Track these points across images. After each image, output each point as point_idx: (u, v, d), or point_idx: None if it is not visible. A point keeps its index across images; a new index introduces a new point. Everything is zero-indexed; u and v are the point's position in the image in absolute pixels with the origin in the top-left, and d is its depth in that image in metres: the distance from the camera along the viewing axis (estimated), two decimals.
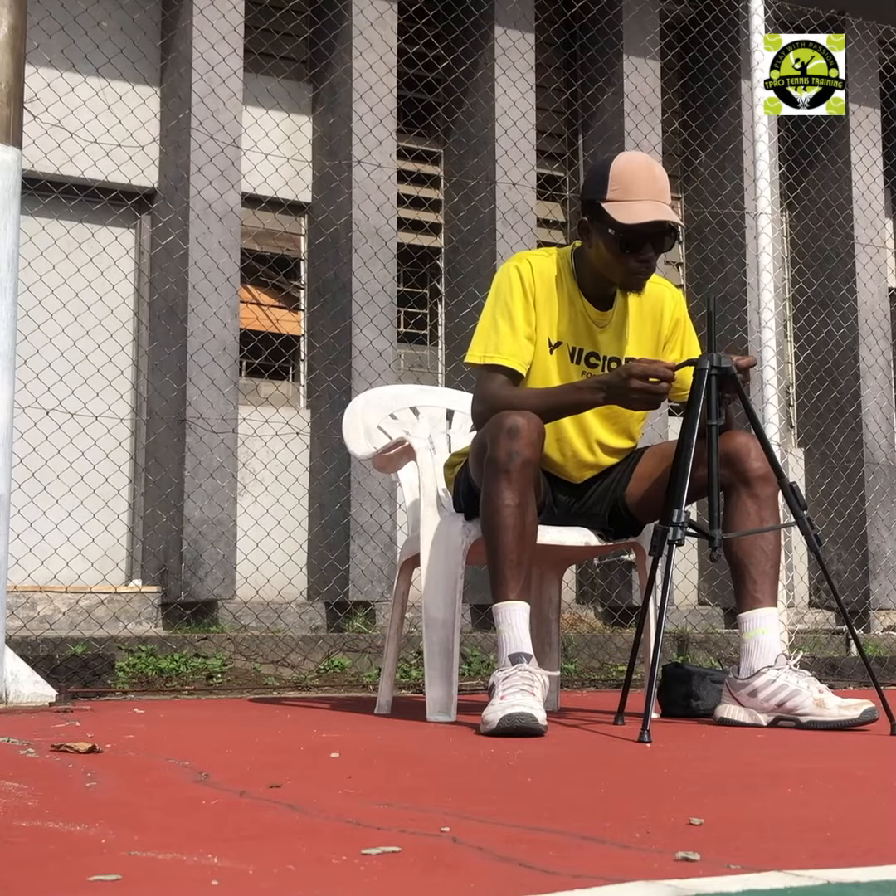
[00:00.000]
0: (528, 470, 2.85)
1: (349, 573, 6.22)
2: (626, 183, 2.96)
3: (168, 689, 4.53)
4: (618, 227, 2.95)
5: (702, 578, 7.40)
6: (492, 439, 2.87)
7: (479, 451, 2.96)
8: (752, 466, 3.00)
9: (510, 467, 2.83)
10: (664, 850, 1.32)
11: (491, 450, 2.86)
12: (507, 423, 2.84)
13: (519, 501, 2.84)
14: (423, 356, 7.28)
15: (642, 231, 2.96)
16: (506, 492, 2.84)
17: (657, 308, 3.22)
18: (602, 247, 3.02)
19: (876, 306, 7.84)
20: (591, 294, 3.13)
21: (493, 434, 2.87)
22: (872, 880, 1.18)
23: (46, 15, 6.00)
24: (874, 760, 2.40)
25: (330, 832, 1.44)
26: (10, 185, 3.41)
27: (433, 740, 2.70)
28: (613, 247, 2.99)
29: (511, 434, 2.83)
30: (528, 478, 2.86)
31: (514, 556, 2.84)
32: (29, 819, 1.50)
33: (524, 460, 2.83)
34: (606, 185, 2.98)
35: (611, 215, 2.96)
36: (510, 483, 2.83)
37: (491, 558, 2.88)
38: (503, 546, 2.85)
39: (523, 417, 2.85)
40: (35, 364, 5.71)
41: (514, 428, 2.83)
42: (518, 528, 2.84)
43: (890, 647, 6.77)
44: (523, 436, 2.83)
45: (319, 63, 6.94)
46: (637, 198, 2.95)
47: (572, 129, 7.68)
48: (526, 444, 2.83)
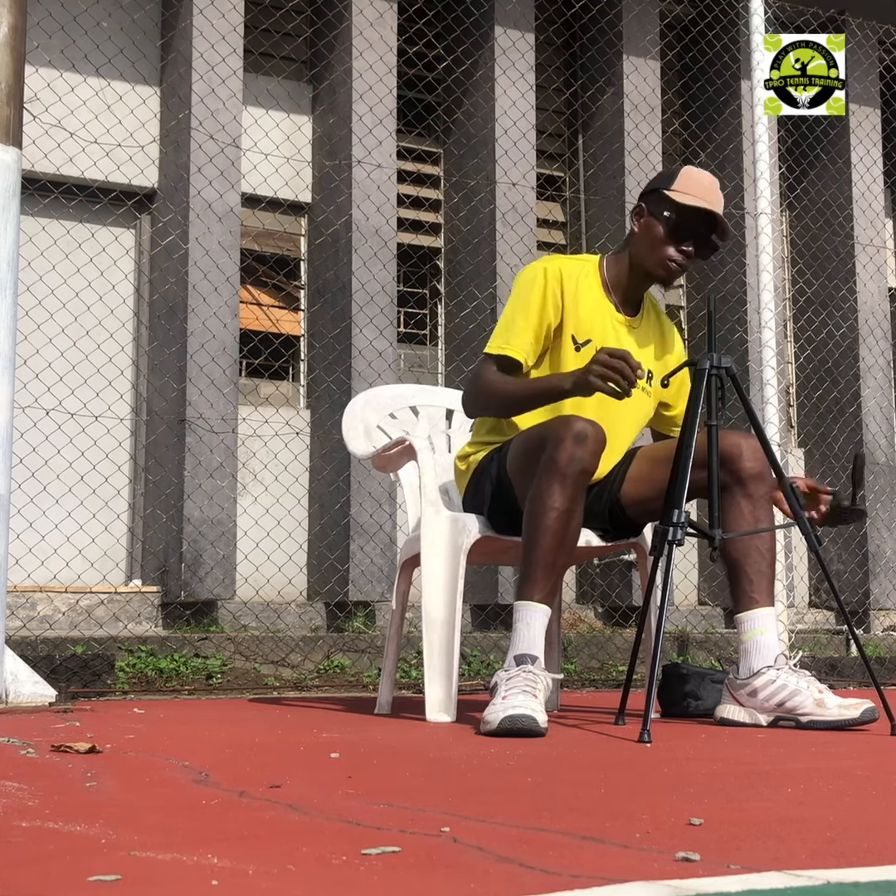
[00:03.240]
0: (584, 478, 2.84)
1: (349, 573, 6.22)
2: (692, 182, 3.14)
3: (168, 689, 4.53)
4: (674, 208, 3.10)
5: (702, 578, 7.40)
6: (555, 439, 2.84)
7: (532, 447, 2.94)
8: (745, 466, 3.00)
9: (568, 471, 2.81)
10: (664, 850, 1.32)
11: (552, 450, 2.84)
12: (576, 427, 2.83)
13: (568, 507, 2.83)
14: (422, 356, 7.28)
15: (693, 221, 3.10)
16: (557, 494, 2.82)
17: (670, 337, 3.35)
18: (650, 228, 3.14)
19: (876, 306, 7.84)
20: (619, 298, 3.22)
21: (557, 434, 2.85)
22: (872, 880, 1.18)
23: (46, 15, 6.00)
24: (874, 760, 2.40)
25: (330, 832, 1.44)
26: (10, 185, 3.41)
27: (433, 740, 2.70)
28: (662, 229, 3.11)
29: (578, 439, 2.82)
30: (581, 486, 2.85)
31: (550, 560, 2.83)
32: (29, 819, 1.50)
33: (584, 468, 2.83)
34: (674, 179, 3.15)
35: (671, 198, 3.11)
36: (564, 487, 2.82)
37: (526, 556, 2.86)
38: (542, 547, 2.83)
39: (592, 426, 2.85)
40: (35, 364, 5.71)
41: (582, 434, 2.82)
42: (561, 532, 2.83)
43: (890, 647, 6.77)
44: (589, 444, 2.83)
45: (319, 63, 6.94)
46: (698, 195, 3.11)
47: (572, 129, 7.68)
48: (590, 452, 2.83)
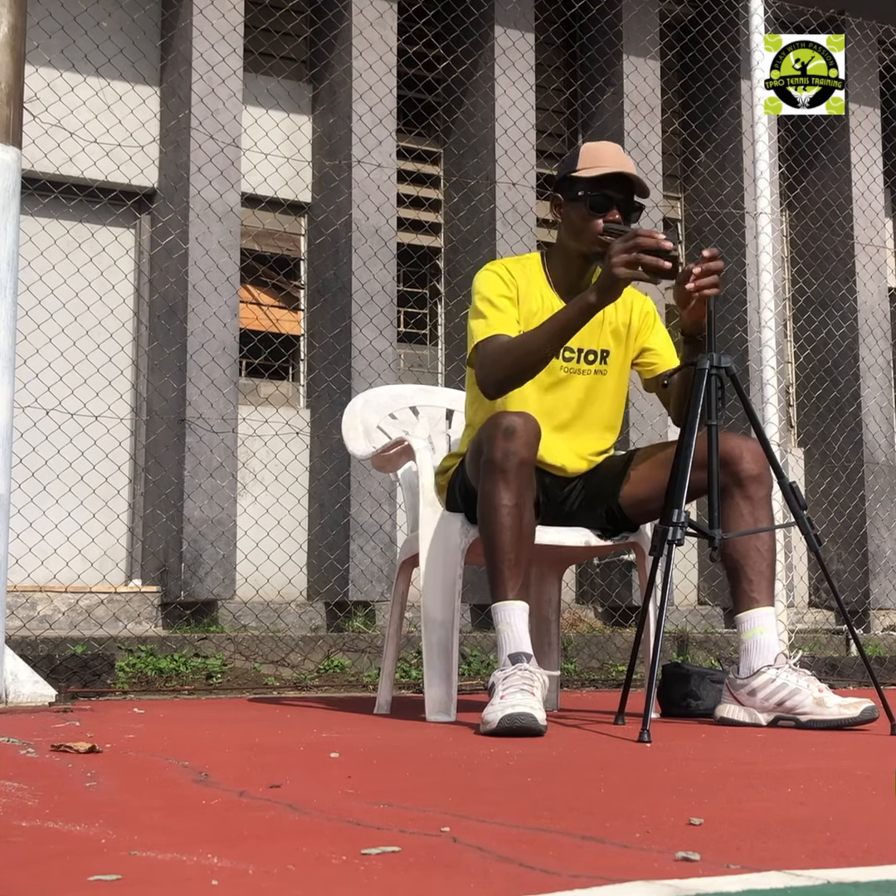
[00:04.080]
0: (524, 470, 2.85)
1: (349, 573, 6.23)
2: (595, 155, 3.12)
3: (168, 689, 4.53)
4: (585, 184, 3.07)
5: (702, 578, 7.40)
6: (488, 439, 2.87)
7: (476, 452, 2.96)
8: (745, 468, 3.00)
9: (507, 467, 2.83)
10: (664, 850, 1.32)
11: (487, 450, 2.86)
12: (504, 423, 2.85)
13: (516, 502, 2.85)
14: (422, 356, 7.28)
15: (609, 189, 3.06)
16: (503, 492, 2.84)
17: (627, 302, 3.29)
18: (572, 215, 3.12)
19: (876, 306, 7.84)
20: (562, 289, 3.20)
21: (489, 434, 2.87)
22: (872, 880, 1.18)
23: (46, 15, 6.00)
24: (874, 760, 2.40)
25: (330, 832, 1.44)
26: (10, 185, 3.41)
27: (433, 740, 2.69)
28: (582, 210, 3.08)
29: (507, 434, 2.83)
30: (524, 478, 2.86)
31: (512, 556, 2.84)
32: (29, 819, 1.50)
33: (521, 460, 2.84)
34: (577, 160, 3.13)
35: (579, 177, 3.09)
36: (507, 483, 2.84)
37: (489, 558, 2.88)
38: (501, 546, 2.85)
39: (520, 417, 2.86)
40: (35, 364, 5.71)
41: (510, 428, 2.84)
42: (515, 527, 2.85)
43: (890, 647, 6.77)
44: (520, 436, 2.83)
45: (319, 63, 6.94)
46: (605, 164, 3.09)
47: (572, 129, 7.68)
48: (523, 444, 2.84)
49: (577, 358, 3.19)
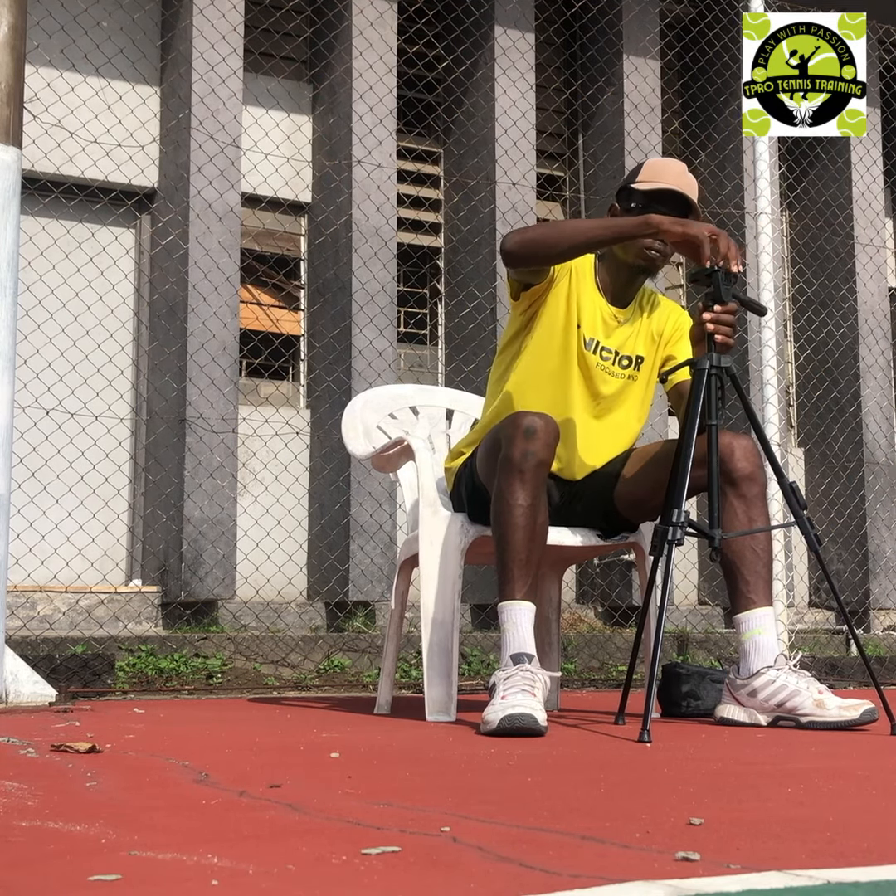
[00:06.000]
0: (542, 471, 2.86)
1: (349, 573, 6.23)
2: (657, 171, 3.16)
3: (168, 689, 4.53)
4: (640, 197, 3.11)
5: (702, 578, 7.40)
6: (507, 438, 2.87)
7: (492, 448, 2.96)
8: (737, 466, 3.00)
9: (525, 467, 2.83)
10: (664, 850, 1.32)
11: (506, 448, 2.86)
12: (525, 422, 2.85)
13: (531, 502, 2.84)
14: (422, 356, 7.28)
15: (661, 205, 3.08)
16: (519, 491, 2.84)
17: (664, 313, 3.33)
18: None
19: (876, 306, 7.84)
20: (610, 292, 3.22)
21: (509, 433, 2.87)
22: (872, 880, 1.18)
23: (46, 15, 6.00)
24: (874, 760, 2.40)
25: (330, 832, 1.44)
26: (10, 185, 3.41)
27: (433, 740, 2.69)
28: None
29: (528, 434, 2.83)
30: (541, 479, 2.86)
31: (523, 556, 2.84)
32: (29, 819, 1.50)
33: (539, 461, 2.84)
34: (639, 173, 3.17)
35: (636, 189, 3.13)
36: (524, 483, 2.84)
37: (500, 557, 2.87)
38: (513, 545, 2.84)
39: (541, 419, 2.87)
40: (35, 364, 5.71)
41: (531, 428, 2.84)
42: (529, 528, 2.84)
43: (890, 647, 6.77)
44: (540, 437, 2.84)
45: (319, 63, 6.94)
46: (663, 180, 3.13)
47: (572, 129, 7.68)
48: (542, 445, 2.84)
49: (613, 360, 3.20)
